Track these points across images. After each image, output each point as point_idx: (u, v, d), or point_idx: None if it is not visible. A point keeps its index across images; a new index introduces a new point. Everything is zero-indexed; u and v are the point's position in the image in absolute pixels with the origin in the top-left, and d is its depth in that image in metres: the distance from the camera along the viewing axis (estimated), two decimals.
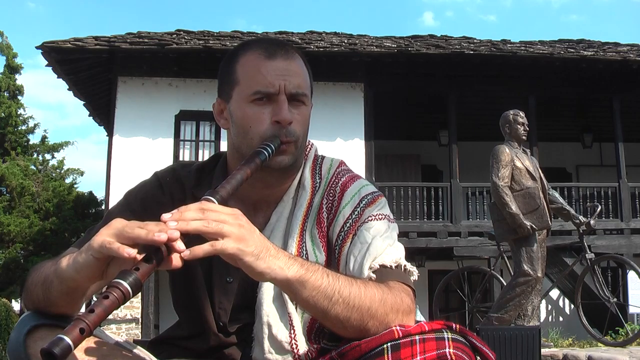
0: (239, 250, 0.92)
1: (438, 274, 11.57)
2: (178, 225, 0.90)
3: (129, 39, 10.86)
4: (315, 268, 0.99)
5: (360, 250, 1.13)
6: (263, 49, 1.18)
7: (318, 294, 0.97)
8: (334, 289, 0.98)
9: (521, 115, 5.37)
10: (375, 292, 1.01)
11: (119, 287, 0.85)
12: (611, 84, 11.38)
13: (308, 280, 0.96)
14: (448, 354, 0.96)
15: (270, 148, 1.12)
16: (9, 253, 17.11)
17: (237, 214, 0.95)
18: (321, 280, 0.97)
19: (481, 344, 1.03)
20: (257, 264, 0.93)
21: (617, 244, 10.72)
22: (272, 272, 0.94)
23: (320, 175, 1.26)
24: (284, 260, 0.96)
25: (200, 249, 0.90)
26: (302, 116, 1.19)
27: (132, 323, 10.33)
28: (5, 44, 19.58)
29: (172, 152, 10.85)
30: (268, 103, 1.16)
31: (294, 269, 0.96)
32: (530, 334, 4.23)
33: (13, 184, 17.62)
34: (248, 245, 0.93)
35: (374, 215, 1.18)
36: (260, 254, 0.94)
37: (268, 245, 0.96)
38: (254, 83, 1.16)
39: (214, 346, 1.22)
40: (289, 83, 1.16)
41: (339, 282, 0.99)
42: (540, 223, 5.05)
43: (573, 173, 14.07)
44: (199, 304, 1.22)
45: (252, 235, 0.94)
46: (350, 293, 0.99)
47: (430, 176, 13.21)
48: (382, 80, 11.21)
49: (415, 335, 0.98)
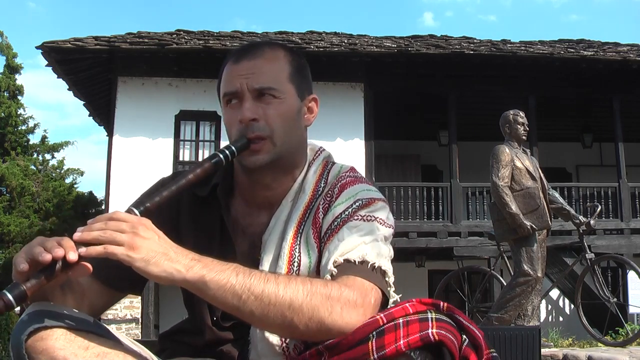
0: (127, 257, 0.97)
1: (438, 274, 11.58)
2: (80, 235, 0.97)
3: (129, 39, 10.86)
4: (224, 267, 1.01)
5: (335, 246, 1.13)
6: (235, 55, 1.23)
7: (224, 292, 0.99)
8: (243, 287, 0.99)
9: (521, 115, 5.37)
10: (301, 287, 1.01)
11: (2, 298, 0.92)
12: (611, 84, 11.37)
13: (210, 281, 0.99)
14: (431, 334, 0.96)
15: (229, 149, 1.16)
16: (9, 253, 17.10)
17: (136, 224, 1.00)
18: (227, 279, 0.99)
19: (468, 322, 1.03)
20: (149, 269, 0.97)
21: (617, 244, 10.72)
22: (168, 274, 0.98)
23: (327, 181, 1.26)
24: (183, 262, 0.99)
25: (94, 249, 0.97)
26: (276, 111, 1.19)
27: (132, 323, 10.33)
28: (5, 44, 19.58)
29: (172, 152, 10.84)
30: (238, 106, 1.20)
31: (194, 270, 0.99)
32: (530, 334, 4.22)
33: (13, 184, 17.62)
34: (138, 253, 0.97)
35: (362, 215, 1.17)
36: (152, 259, 0.98)
37: (166, 250, 0.99)
38: (223, 87, 1.22)
39: (210, 341, 1.23)
40: (252, 80, 1.19)
41: (251, 279, 1.00)
42: (540, 223, 5.05)
43: (573, 173, 14.07)
44: (195, 297, 1.23)
45: (145, 242, 0.98)
46: (263, 290, 0.99)
47: (430, 176, 13.21)
48: (382, 80, 11.21)
49: (399, 319, 0.98)
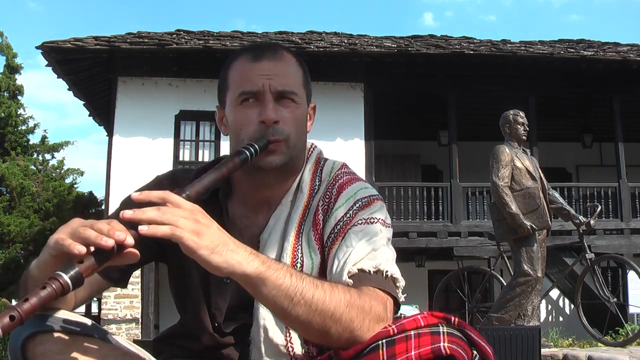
0: (193, 242, 0.92)
1: (438, 274, 11.58)
2: (133, 214, 0.91)
3: (129, 39, 10.85)
4: (279, 267, 0.98)
5: (344, 254, 1.12)
6: (251, 53, 1.21)
7: (279, 292, 0.96)
8: (296, 290, 0.97)
9: (521, 115, 5.37)
10: (342, 297, 1.00)
11: (58, 279, 0.85)
12: (611, 84, 11.37)
13: (268, 278, 0.95)
14: (443, 348, 0.96)
15: (254, 148, 1.13)
16: (9, 253, 17.12)
17: (195, 210, 0.96)
18: (283, 280, 0.96)
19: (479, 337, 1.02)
20: (212, 258, 0.93)
21: (617, 244, 10.73)
22: (229, 266, 0.94)
23: (321, 178, 1.25)
24: (243, 255, 0.95)
25: (159, 229, 0.91)
26: (292, 115, 1.19)
27: (132, 323, 10.33)
28: (5, 44, 19.58)
29: (172, 152, 10.84)
30: (255, 105, 1.17)
31: (253, 264, 0.95)
32: (530, 334, 4.23)
33: (13, 184, 17.62)
34: (203, 239, 0.93)
35: (365, 218, 1.16)
36: (216, 248, 0.93)
37: (226, 240, 0.95)
38: (240, 86, 1.19)
39: (209, 346, 1.22)
40: (274, 82, 1.17)
41: (303, 283, 0.98)
42: (540, 223, 5.05)
43: (573, 173, 14.07)
44: (195, 303, 1.23)
45: (208, 230, 0.94)
46: (313, 295, 0.98)
47: (430, 176, 13.21)
48: (382, 80, 11.21)
49: (410, 331, 0.97)
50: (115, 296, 10.23)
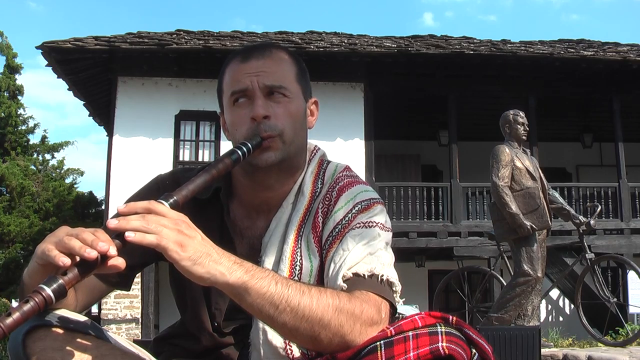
0: (176, 254, 0.92)
1: (438, 274, 11.58)
2: (118, 224, 0.91)
3: (129, 39, 10.86)
4: (264, 275, 0.97)
5: (340, 257, 1.12)
6: (240, 54, 1.22)
7: (263, 301, 0.96)
8: (281, 297, 0.96)
9: (521, 115, 5.37)
10: (330, 302, 0.99)
11: (41, 292, 0.86)
12: (611, 84, 11.38)
13: (252, 287, 0.95)
14: (441, 348, 0.96)
15: (246, 147, 1.13)
16: (9, 253, 17.13)
17: (179, 220, 0.96)
18: (267, 288, 0.96)
19: (478, 336, 1.02)
20: (195, 269, 0.93)
21: (617, 244, 10.73)
22: (211, 276, 0.94)
23: (323, 181, 1.25)
24: (226, 265, 0.95)
25: (145, 237, 0.91)
26: (285, 109, 1.18)
27: (132, 323, 10.34)
28: (5, 44, 19.61)
29: (172, 152, 10.85)
30: (247, 104, 1.18)
31: (236, 274, 0.95)
32: (530, 334, 4.22)
33: (13, 184, 17.63)
34: (185, 250, 0.93)
35: (363, 222, 1.16)
36: (199, 259, 0.93)
37: (210, 251, 0.95)
38: (231, 87, 1.20)
39: (209, 346, 1.22)
40: (262, 78, 1.17)
41: (289, 290, 0.97)
42: (540, 223, 5.05)
43: (573, 173, 14.08)
44: (195, 303, 1.23)
45: (192, 241, 0.94)
46: (299, 302, 0.97)
47: (430, 176, 13.22)
48: (382, 80, 11.21)
49: (408, 332, 0.97)
50: (115, 296, 10.23)
